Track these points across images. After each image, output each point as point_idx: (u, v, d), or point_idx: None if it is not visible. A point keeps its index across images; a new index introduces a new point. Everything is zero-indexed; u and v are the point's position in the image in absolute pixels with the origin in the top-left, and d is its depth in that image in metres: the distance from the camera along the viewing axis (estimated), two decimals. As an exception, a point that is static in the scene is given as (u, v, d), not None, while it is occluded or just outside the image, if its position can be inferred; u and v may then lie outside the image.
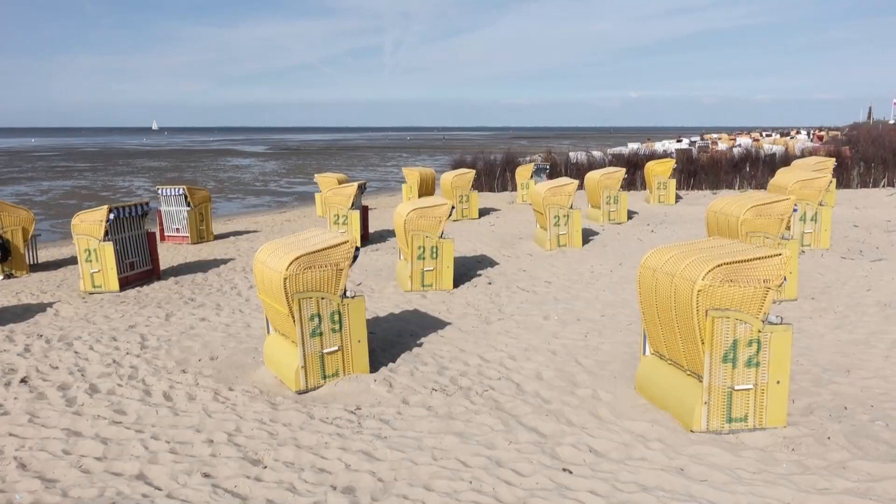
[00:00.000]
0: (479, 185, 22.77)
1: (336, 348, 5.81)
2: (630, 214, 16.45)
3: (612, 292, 8.94)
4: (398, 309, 8.30)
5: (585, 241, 12.70)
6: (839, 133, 63.11)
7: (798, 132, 70.92)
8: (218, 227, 16.21)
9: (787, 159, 23.44)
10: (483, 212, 17.79)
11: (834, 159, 18.03)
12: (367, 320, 7.67)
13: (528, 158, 25.63)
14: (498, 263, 10.96)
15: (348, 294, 5.83)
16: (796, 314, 7.73)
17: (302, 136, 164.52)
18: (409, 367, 6.27)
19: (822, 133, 62.13)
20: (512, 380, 6.03)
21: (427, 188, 18.52)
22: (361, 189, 13.48)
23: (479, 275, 10.10)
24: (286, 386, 5.90)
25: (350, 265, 5.75)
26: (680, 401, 5.02)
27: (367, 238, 13.65)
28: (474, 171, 17.25)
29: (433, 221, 9.04)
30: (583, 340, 7.00)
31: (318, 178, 17.65)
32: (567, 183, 12.14)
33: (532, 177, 19.88)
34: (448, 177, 17.00)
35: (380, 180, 34.56)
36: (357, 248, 5.83)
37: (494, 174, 23.70)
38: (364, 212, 13.73)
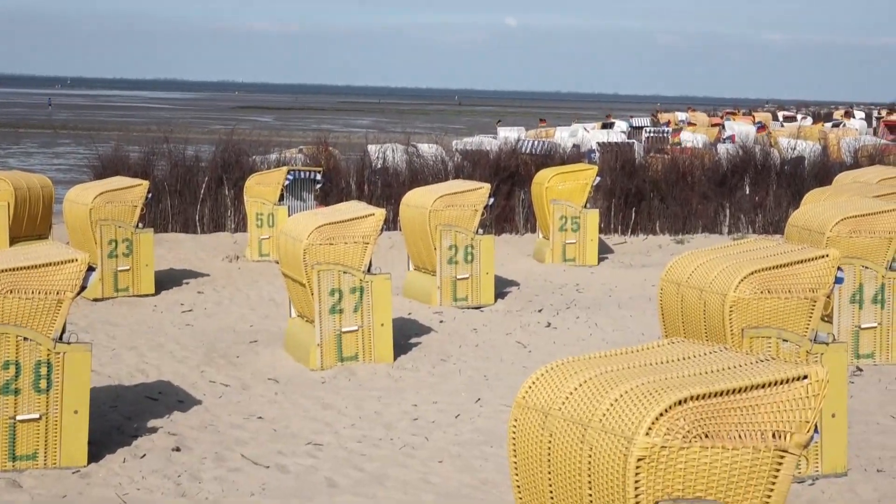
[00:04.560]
0: (157, 217, 22.54)
1: None
2: (503, 286, 17.01)
3: (461, 468, 9.12)
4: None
5: (401, 346, 12.95)
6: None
7: (848, 113, 77.37)
8: None
9: (825, 169, 25.50)
10: (168, 278, 17.67)
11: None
12: None
13: (274, 156, 25.83)
14: (199, 401, 10.87)
15: None
16: (845, 505, 8.31)
17: None
18: None
19: (895, 118, 68.06)
20: None
21: (30, 220, 17.99)
22: None
23: (154, 429, 9.93)
24: None
25: None
26: None
27: None
28: (146, 185, 17.10)
29: (41, 305, 8.81)
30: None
31: None
32: (362, 215, 12.38)
33: (282, 200, 20.03)
34: (82, 196, 16.71)
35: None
36: None
37: (195, 191, 23.61)
38: None
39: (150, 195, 17.26)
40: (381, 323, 12.25)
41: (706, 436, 4.95)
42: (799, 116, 79.22)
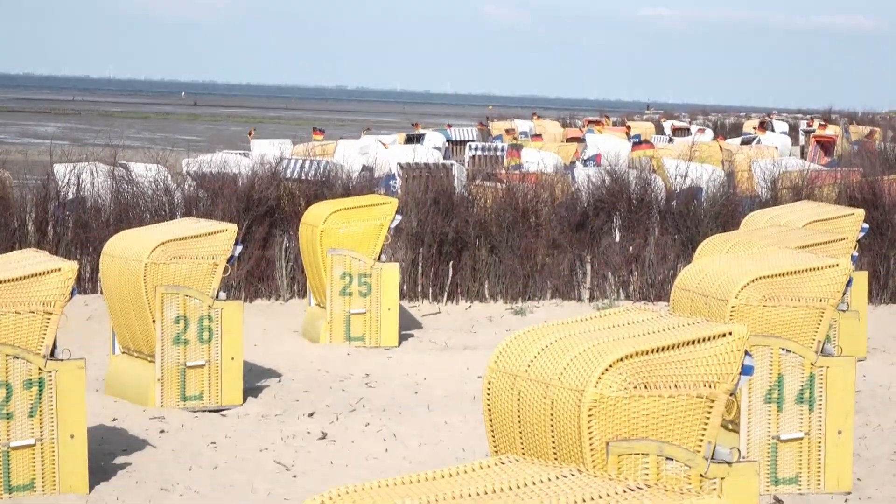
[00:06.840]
0: None
1: None
2: (256, 378, 17.03)
3: None
4: None
5: (101, 470, 12.82)
6: (877, 130, 71.19)
7: (764, 124, 78.76)
8: None
9: (729, 206, 25.98)
10: None
11: (862, 211, 20.32)
12: None
13: None
14: None
15: None
16: None
17: None
18: None
19: (831, 132, 69.70)
20: None
21: None
22: None
23: None
24: None
25: None
26: None
27: None
28: None
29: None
30: None
31: None
32: (43, 271, 12.22)
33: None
34: None
35: None
36: None
37: None
38: None
39: None
40: (71, 434, 12.09)
41: None
42: (694, 128, 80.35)
